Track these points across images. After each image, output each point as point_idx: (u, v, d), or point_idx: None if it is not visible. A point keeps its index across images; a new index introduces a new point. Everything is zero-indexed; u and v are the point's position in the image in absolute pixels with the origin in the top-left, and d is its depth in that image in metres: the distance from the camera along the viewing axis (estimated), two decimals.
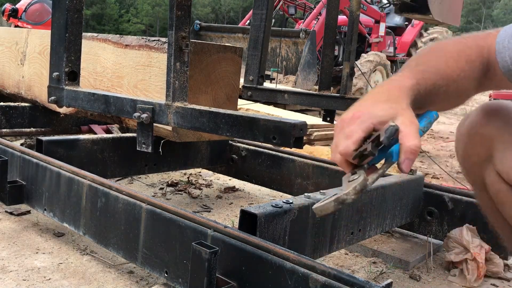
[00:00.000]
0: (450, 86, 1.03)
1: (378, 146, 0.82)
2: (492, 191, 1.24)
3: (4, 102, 3.06)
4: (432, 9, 3.84)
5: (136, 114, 1.68)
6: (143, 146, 1.71)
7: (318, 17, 7.23)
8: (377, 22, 8.42)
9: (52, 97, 2.00)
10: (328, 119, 3.97)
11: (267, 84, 4.96)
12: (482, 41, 1.12)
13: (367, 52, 7.94)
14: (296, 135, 1.37)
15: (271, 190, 2.65)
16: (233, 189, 2.91)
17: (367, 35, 8.25)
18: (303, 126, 1.39)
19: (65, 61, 1.91)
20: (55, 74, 1.96)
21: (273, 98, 3.74)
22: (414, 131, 0.83)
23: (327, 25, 3.54)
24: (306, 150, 3.88)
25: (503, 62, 1.09)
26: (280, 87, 4.78)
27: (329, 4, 3.53)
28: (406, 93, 0.91)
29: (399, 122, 0.84)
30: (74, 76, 1.96)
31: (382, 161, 0.90)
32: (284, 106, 5.64)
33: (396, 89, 0.91)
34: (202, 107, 1.58)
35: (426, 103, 1.02)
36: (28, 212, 2.18)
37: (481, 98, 9.24)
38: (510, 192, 1.19)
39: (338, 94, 3.69)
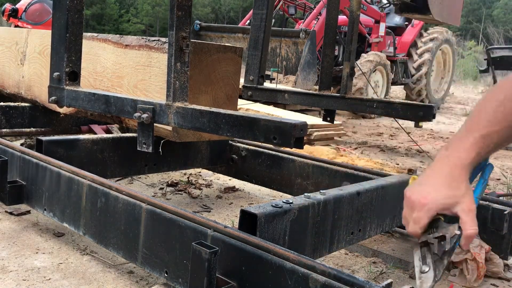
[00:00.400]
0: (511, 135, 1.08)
1: (442, 247, 1.02)
2: None
3: (4, 102, 3.06)
4: (432, 9, 3.84)
5: (137, 114, 1.68)
6: (144, 146, 1.71)
7: (318, 17, 7.22)
8: (377, 22, 8.41)
9: (53, 97, 2.00)
10: (328, 119, 3.97)
11: (267, 84, 4.95)
12: None
13: (367, 52, 7.92)
14: (296, 135, 1.37)
15: (271, 190, 2.65)
16: (233, 189, 2.91)
17: (367, 35, 8.24)
18: (303, 126, 1.39)
19: (66, 61, 1.91)
20: (55, 74, 1.96)
21: (273, 98, 3.75)
22: (472, 218, 1.00)
23: (327, 25, 3.54)
24: (306, 150, 3.88)
25: None
26: (280, 87, 4.78)
27: (329, 4, 3.53)
28: (466, 171, 1.04)
29: (459, 209, 1.01)
30: (74, 76, 1.96)
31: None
32: (284, 106, 5.64)
33: (458, 169, 1.03)
34: (203, 107, 1.58)
35: (486, 157, 1.11)
36: (28, 212, 2.18)
37: None
38: None
39: (338, 94, 3.70)
